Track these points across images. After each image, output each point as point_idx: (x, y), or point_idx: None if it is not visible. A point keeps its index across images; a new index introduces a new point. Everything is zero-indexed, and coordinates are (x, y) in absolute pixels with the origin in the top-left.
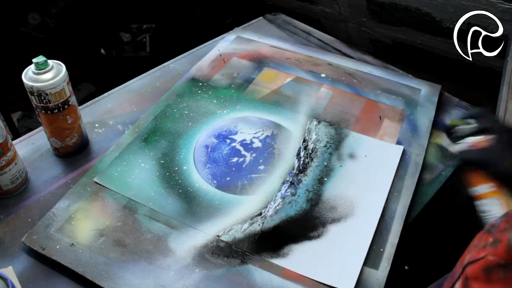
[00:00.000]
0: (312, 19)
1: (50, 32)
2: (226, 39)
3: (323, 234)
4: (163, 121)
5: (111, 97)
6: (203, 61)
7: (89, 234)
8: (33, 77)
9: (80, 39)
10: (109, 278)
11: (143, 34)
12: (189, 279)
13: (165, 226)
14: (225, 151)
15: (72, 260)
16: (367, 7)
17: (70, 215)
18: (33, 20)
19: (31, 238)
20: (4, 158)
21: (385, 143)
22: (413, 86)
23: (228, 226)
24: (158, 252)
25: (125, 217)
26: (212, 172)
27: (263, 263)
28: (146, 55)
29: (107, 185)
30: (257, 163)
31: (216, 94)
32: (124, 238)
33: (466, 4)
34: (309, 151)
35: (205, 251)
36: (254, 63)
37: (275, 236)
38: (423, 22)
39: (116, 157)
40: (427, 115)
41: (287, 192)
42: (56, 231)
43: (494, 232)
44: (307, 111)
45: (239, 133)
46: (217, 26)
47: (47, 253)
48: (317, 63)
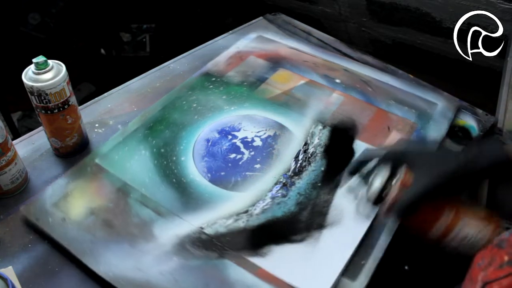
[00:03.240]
0: (312, 19)
1: (50, 32)
2: (247, 37)
3: (305, 239)
4: (171, 111)
5: (111, 97)
6: (220, 57)
7: (81, 211)
8: (33, 77)
9: (80, 39)
10: (91, 255)
11: (143, 34)
12: (165, 266)
13: (153, 212)
14: (225, 146)
15: (61, 234)
16: (367, 7)
17: (67, 192)
18: (33, 20)
19: (29, 209)
20: (4, 158)
21: None
22: (430, 99)
23: (213, 220)
24: (141, 236)
25: (118, 199)
26: (208, 165)
27: (240, 260)
28: (146, 55)
29: (107, 167)
30: (254, 161)
31: (227, 90)
32: (112, 219)
33: (466, 4)
34: (308, 154)
35: (186, 241)
36: (270, 63)
37: (257, 234)
38: (423, 22)
39: (120, 141)
40: (439, 130)
41: (278, 193)
42: (52, 205)
43: (506, 247)
44: (314, 115)
45: (242, 130)
46: (217, 26)
47: (40, 224)
48: (333, 68)
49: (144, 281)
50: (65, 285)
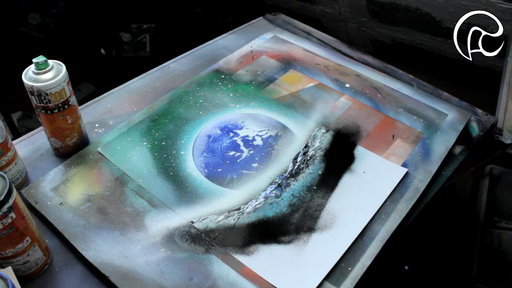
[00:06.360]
0: (312, 19)
1: (50, 32)
2: (262, 37)
3: (293, 241)
4: (177, 106)
5: (111, 97)
6: (233, 55)
7: (78, 197)
8: (33, 77)
9: (80, 39)
10: (82, 240)
11: (143, 34)
12: (152, 256)
13: (147, 203)
14: (225, 143)
15: (57, 217)
16: (367, 7)
17: (68, 177)
18: (33, 20)
19: (29, 191)
20: (4, 158)
21: (388, 163)
22: (440, 110)
23: (204, 215)
24: (132, 225)
25: (115, 188)
26: (206, 161)
27: (225, 257)
28: (146, 55)
29: (108, 156)
30: (252, 160)
31: (234, 88)
32: (107, 207)
33: (466, 4)
34: (307, 157)
35: (175, 234)
36: (282, 64)
37: (246, 233)
38: (423, 22)
39: (124, 132)
40: (446, 142)
41: (272, 193)
42: (51, 189)
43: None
44: (319, 118)
45: (244, 128)
46: (217, 26)
47: (38, 207)
48: (345, 72)
49: (130, 269)
50: (65, 285)
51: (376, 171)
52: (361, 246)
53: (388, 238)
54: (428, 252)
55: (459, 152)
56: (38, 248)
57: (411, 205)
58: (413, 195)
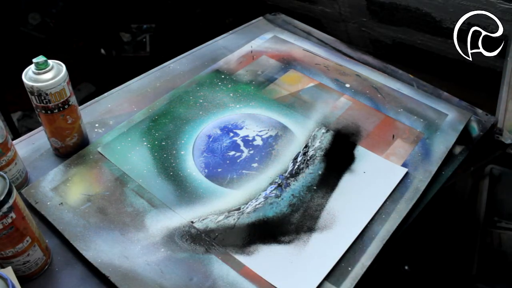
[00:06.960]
0: (312, 19)
1: (50, 32)
2: (262, 37)
3: (293, 241)
4: (177, 106)
5: (111, 97)
6: (233, 55)
7: (78, 197)
8: (33, 77)
9: (80, 39)
10: (82, 240)
11: (143, 34)
12: (152, 256)
13: (147, 203)
14: (225, 143)
15: (57, 217)
16: (367, 7)
17: (68, 178)
18: (33, 20)
19: (29, 191)
20: (4, 158)
21: (388, 163)
22: (441, 110)
23: (204, 215)
24: (133, 225)
25: (115, 188)
26: (206, 161)
27: (225, 257)
28: (146, 55)
29: (108, 156)
30: (252, 160)
31: (234, 88)
32: (107, 207)
33: (466, 4)
34: (307, 157)
35: (175, 234)
36: (282, 64)
37: (246, 233)
38: (423, 22)
39: (124, 132)
40: (446, 142)
41: (272, 193)
42: (51, 189)
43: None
44: (319, 118)
45: (245, 128)
46: (217, 26)
47: (38, 207)
48: (346, 72)
49: (130, 269)
50: (65, 285)
51: (376, 171)
52: (361, 246)
53: (388, 238)
54: (428, 252)
55: (459, 152)
56: (38, 248)
57: (411, 205)
58: (413, 195)
